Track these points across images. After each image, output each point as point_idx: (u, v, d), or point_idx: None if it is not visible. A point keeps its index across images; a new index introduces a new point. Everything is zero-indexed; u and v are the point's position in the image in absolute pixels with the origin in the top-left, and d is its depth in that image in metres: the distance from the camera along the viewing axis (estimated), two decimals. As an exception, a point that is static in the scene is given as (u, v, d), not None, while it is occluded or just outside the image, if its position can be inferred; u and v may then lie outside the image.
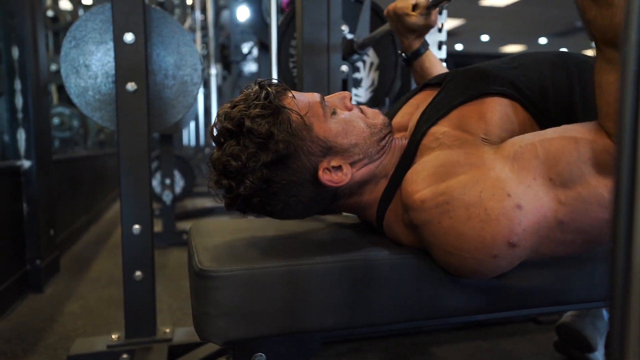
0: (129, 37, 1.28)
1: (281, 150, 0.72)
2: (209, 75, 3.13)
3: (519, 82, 0.79)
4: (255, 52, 3.72)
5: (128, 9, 1.28)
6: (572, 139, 0.67)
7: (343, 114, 0.79)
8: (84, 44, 1.33)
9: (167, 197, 2.85)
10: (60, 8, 4.05)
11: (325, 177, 0.74)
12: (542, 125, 0.76)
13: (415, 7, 1.07)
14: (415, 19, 1.07)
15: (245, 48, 3.90)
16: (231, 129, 0.72)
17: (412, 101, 0.95)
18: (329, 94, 1.45)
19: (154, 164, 3.68)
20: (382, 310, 0.74)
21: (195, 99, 1.49)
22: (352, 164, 0.77)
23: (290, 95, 0.76)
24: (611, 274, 0.30)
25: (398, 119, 0.94)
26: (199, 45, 3.94)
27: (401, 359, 1.39)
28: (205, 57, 3.30)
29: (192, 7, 3.95)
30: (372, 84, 1.62)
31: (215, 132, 0.74)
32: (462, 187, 0.68)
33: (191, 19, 3.90)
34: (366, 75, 1.61)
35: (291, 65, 1.73)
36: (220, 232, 0.90)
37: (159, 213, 3.13)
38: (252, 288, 0.68)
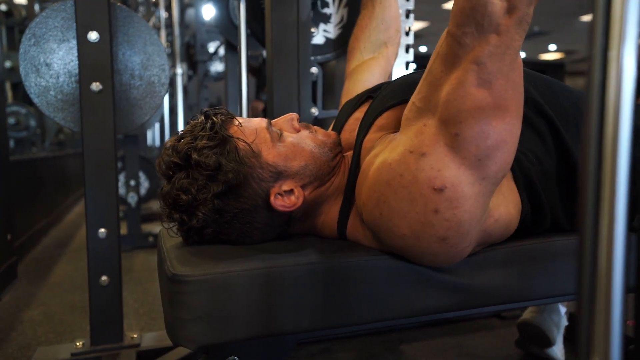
0: (93, 35, 1.25)
1: (231, 179, 0.73)
2: (174, 74, 3.07)
3: None
4: (221, 51, 3.67)
5: (92, 6, 1.24)
6: (428, 71, 0.68)
7: (291, 137, 0.81)
8: (44, 42, 1.29)
9: (132, 199, 2.78)
10: (14, 2, 3.87)
11: (277, 202, 0.76)
12: None
13: None
14: None
15: (212, 47, 3.84)
16: (179, 163, 0.73)
17: (356, 114, 0.97)
18: (299, 96, 1.46)
19: (118, 165, 3.57)
20: (356, 311, 0.75)
21: (163, 100, 1.46)
22: (303, 187, 0.79)
23: (236, 123, 0.77)
24: (578, 274, 0.32)
25: (346, 135, 0.96)
26: (163, 44, 3.85)
27: (372, 357, 1.41)
28: (170, 56, 3.24)
29: (157, 4, 3.86)
30: (342, 20, 1.61)
31: (163, 166, 0.74)
32: (379, 173, 0.71)
33: (155, 17, 3.82)
34: (335, 11, 1.59)
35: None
36: (191, 235, 0.89)
37: (124, 215, 3.05)
38: (226, 292, 0.67)
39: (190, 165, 0.73)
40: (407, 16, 1.49)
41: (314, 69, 1.47)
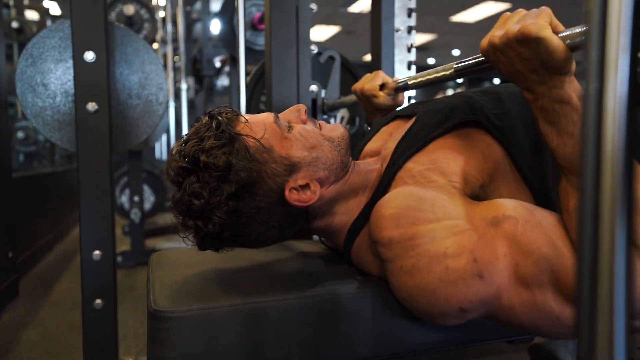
0: (89, 55, 1.24)
1: (243, 178, 0.69)
2: (179, 89, 3.07)
3: (490, 113, 0.78)
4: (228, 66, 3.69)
5: (88, 26, 1.23)
6: (552, 243, 0.62)
7: (299, 128, 0.76)
8: (41, 62, 1.28)
9: (135, 215, 2.77)
10: (25, 19, 3.93)
11: (292, 197, 0.72)
12: (517, 162, 0.74)
13: (382, 86, 1.06)
14: (382, 99, 1.06)
15: (218, 62, 3.86)
16: (187, 167, 0.69)
17: (385, 129, 0.93)
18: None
19: (124, 180, 3.58)
20: (350, 346, 0.71)
21: (161, 119, 1.44)
22: (319, 182, 0.74)
23: (243, 120, 0.73)
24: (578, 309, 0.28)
25: (370, 145, 0.92)
26: (170, 59, 3.88)
27: (374, 383, 1.36)
28: (177, 71, 3.25)
29: (164, 19, 3.89)
30: None
31: (171, 172, 0.71)
32: (431, 237, 0.65)
33: (163, 32, 3.85)
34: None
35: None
36: (182, 264, 0.86)
37: (128, 230, 3.04)
38: (210, 328, 0.64)
39: (200, 168, 0.69)
40: (409, 32, 1.47)
41: (314, 87, 1.45)
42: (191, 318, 0.63)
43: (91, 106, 1.25)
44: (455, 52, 11.35)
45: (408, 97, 1.51)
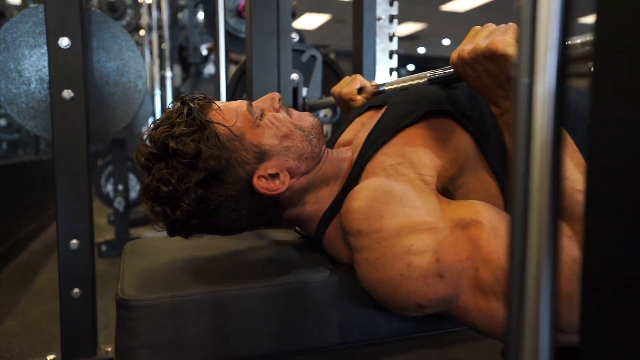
0: (64, 41, 1.21)
1: (212, 166, 0.68)
2: (164, 76, 3.04)
3: (461, 101, 0.79)
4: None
5: (63, 11, 1.21)
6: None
7: (271, 116, 0.76)
8: (15, 48, 1.25)
9: (119, 204, 2.75)
10: (6, 3, 3.85)
11: (261, 185, 0.71)
12: (485, 152, 0.75)
13: (360, 90, 1.06)
14: (360, 103, 1.05)
15: (205, 50, 3.81)
16: (156, 153, 0.68)
17: (359, 119, 0.93)
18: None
19: (110, 168, 3.54)
20: (319, 334, 0.71)
21: (140, 106, 1.42)
22: (289, 171, 0.74)
23: (215, 107, 0.73)
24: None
25: (344, 135, 0.92)
26: (156, 46, 3.82)
27: (352, 371, 1.38)
28: (163, 58, 3.21)
29: (150, 6, 3.83)
30: (325, 136, 1.61)
31: (141, 158, 0.70)
32: (397, 232, 0.65)
33: (148, 18, 3.79)
34: None
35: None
36: (154, 252, 0.85)
37: (113, 219, 3.02)
38: (177, 317, 0.64)
39: (169, 154, 0.68)
40: (391, 21, 1.46)
41: (295, 75, 1.44)
42: (157, 307, 0.63)
43: (67, 93, 1.23)
44: (446, 42, 11.34)
45: (390, 51, 1.51)
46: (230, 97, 1.68)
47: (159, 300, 0.64)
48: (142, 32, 3.89)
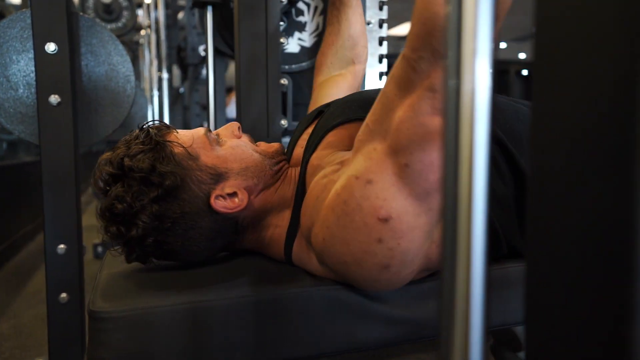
0: (51, 46, 1.21)
1: (167, 182, 0.69)
2: (160, 78, 3.04)
3: None
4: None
5: (49, 16, 1.21)
6: (383, 93, 0.65)
7: (230, 141, 0.78)
8: (2, 53, 1.25)
9: (115, 205, 2.75)
10: (6, 3, 3.85)
11: (218, 203, 0.72)
12: None
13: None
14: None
15: (203, 51, 3.80)
16: (113, 172, 0.69)
17: (308, 129, 0.94)
18: (267, 108, 1.42)
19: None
20: (294, 346, 0.71)
21: (129, 111, 1.42)
22: (248, 190, 0.75)
23: (174, 132, 0.75)
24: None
25: (298, 151, 0.93)
26: (154, 47, 3.82)
27: (341, 376, 1.37)
28: (159, 59, 3.21)
29: (149, 7, 3.83)
30: (317, 28, 1.58)
31: (99, 182, 0.71)
32: (323, 197, 0.69)
33: (147, 19, 3.78)
34: (310, 20, 1.56)
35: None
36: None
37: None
38: (147, 329, 0.64)
39: (125, 173, 0.69)
40: (381, 26, 1.45)
41: (284, 80, 1.43)
42: (127, 319, 0.63)
43: (54, 99, 1.23)
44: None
45: (379, 55, 1.50)
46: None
47: (128, 313, 0.64)
48: (142, 32, 3.89)
